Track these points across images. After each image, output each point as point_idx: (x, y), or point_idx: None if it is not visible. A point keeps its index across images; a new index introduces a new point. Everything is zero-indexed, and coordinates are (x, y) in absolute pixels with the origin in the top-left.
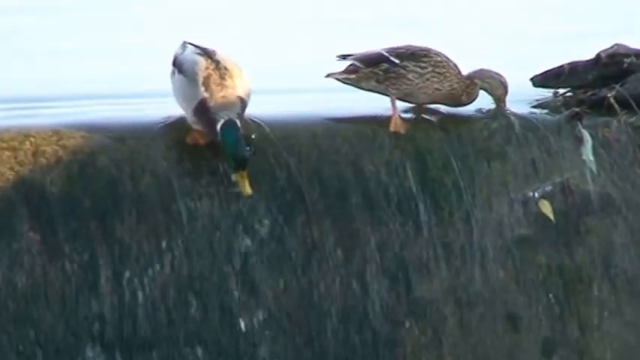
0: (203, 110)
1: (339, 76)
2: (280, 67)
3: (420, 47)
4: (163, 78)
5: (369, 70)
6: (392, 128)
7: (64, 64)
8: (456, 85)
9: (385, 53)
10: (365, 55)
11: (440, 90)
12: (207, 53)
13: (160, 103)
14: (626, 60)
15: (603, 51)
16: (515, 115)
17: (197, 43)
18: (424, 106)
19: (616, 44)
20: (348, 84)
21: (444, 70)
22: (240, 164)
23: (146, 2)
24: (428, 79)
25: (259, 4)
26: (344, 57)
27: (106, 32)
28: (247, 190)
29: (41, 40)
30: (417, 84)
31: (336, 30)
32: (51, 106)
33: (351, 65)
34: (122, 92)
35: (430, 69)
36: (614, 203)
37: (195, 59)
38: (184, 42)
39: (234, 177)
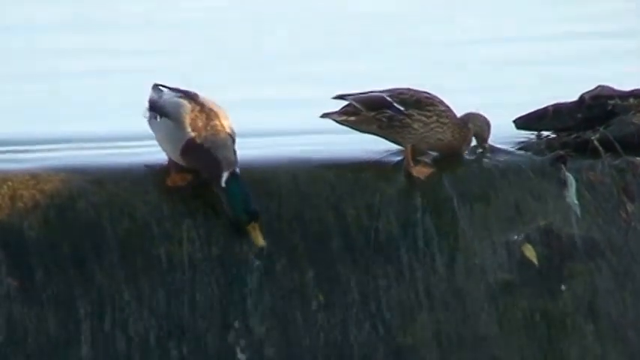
0: (194, 149)
1: (338, 118)
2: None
3: (422, 93)
4: (141, 120)
5: (372, 114)
6: (416, 174)
7: (41, 107)
8: (457, 136)
9: (388, 98)
10: (366, 97)
11: (442, 140)
12: (189, 96)
13: (139, 146)
14: (609, 102)
15: (587, 93)
16: (500, 156)
17: (171, 86)
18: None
19: (599, 86)
20: (346, 126)
21: (447, 120)
22: (253, 217)
23: (125, 41)
24: (432, 129)
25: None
26: (341, 97)
27: (81, 74)
28: (260, 241)
29: (18, 83)
30: (422, 133)
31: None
32: (29, 150)
33: (348, 106)
34: (100, 135)
35: (435, 118)
36: (599, 247)
37: (179, 102)
38: (155, 85)
39: (247, 230)
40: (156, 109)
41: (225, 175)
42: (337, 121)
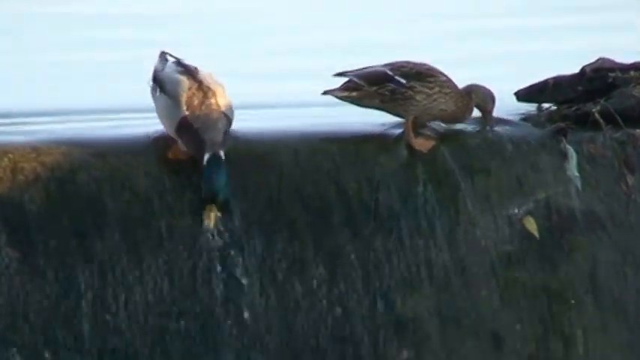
0: (185, 128)
1: (339, 94)
2: (268, 80)
3: (422, 65)
4: (143, 93)
5: (374, 89)
6: (418, 147)
7: (43, 79)
8: (460, 105)
9: (389, 72)
10: (367, 72)
11: (445, 110)
12: (189, 72)
13: (141, 118)
14: (610, 74)
15: (588, 65)
16: (503, 129)
17: (176, 56)
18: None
19: (600, 58)
20: (348, 102)
21: (449, 91)
22: (210, 200)
23: (127, 16)
24: (435, 100)
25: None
26: (342, 74)
27: (83, 46)
28: (210, 223)
29: (19, 54)
30: (424, 105)
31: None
32: (30, 122)
33: (349, 82)
34: (102, 107)
35: (437, 89)
36: (600, 220)
37: (178, 79)
38: (162, 52)
39: (205, 207)
40: (157, 81)
41: (206, 156)
42: (339, 98)
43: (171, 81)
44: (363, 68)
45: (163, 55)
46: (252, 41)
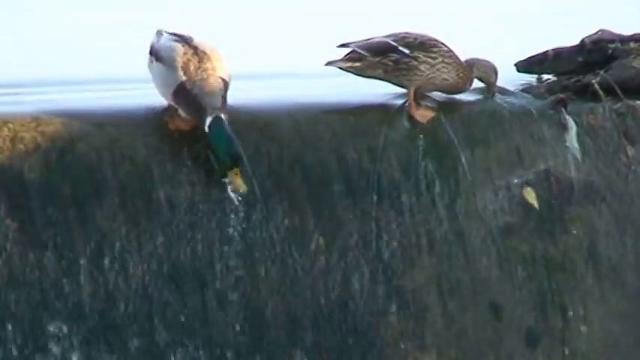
0: (183, 93)
1: (343, 65)
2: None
3: (424, 36)
4: (143, 64)
5: (377, 59)
6: (418, 117)
7: (44, 49)
8: (462, 75)
9: (393, 42)
10: (370, 43)
11: (447, 80)
12: (184, 40)
13: (141, 89)
14: (610, 46)
15: (587, 37)
16: (503, 100)
17: (172, 31)
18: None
19: (600, 30)
20: (351, 72)
21: (452, 61)
22: (236, 162)
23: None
24: (438, 70)
25: None
26: (345, 45)
27: (85, 16)
28: (242, 187)
29: (20, 25)
30: (428, 75)
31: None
32: (30, 92)
33: (352, 52)
34: (102, 77)
35: (440, 59)
36: (599, 190)
37: (172, 46)
38: (159, 30)
39: (228, 175)
40: (153, 52)
41: (208, 120)
42: (342, 69)
43: (166, 49)
44: (367, 39)
45: (160, 32)
46: (255, 13)
